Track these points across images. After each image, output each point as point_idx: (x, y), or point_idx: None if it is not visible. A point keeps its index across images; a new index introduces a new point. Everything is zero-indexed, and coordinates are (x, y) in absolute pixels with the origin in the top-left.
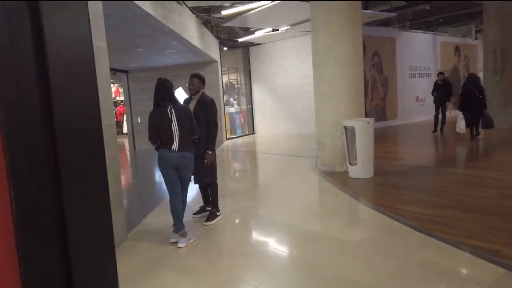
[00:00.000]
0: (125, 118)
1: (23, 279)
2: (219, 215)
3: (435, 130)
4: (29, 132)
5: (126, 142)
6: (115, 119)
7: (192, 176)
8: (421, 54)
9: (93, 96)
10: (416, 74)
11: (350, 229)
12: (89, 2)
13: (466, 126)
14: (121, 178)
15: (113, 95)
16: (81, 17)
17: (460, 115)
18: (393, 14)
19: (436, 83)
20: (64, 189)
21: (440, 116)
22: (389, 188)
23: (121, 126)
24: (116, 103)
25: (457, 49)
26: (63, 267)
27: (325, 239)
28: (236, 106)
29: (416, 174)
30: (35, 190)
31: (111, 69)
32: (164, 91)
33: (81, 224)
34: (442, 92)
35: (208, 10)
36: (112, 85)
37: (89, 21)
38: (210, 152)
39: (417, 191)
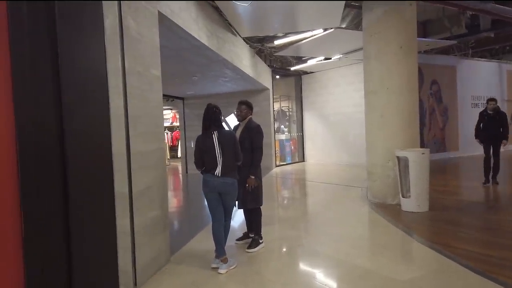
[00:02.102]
0: (180, 142)
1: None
2: (262, 242)
3: (486, 181)
4: (42, 153)
5: (179, 166)
6: (171, 144)
7: (237, 201)
8: (484, 83)
9: (105, 121)
10: (480, 104)
11: (401, 266)
12: (146, 34)
13: None
14: (167, 201)
15: (171, 121)
16: (98, 45)
17: None
18: (453, 42)
19: (483, 114)
20: (71, 212)
21: (492, 161)
22: (445, 224)
23: (176, 151)
24: (173, 128)
25: None
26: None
27: (373, 276)
28: (286, 133)
29: (476, 210)
30: (43, 214)
31: (170, 96)
32: (212, 117)
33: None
34: (493, 126)
35: (262, 40)
36: (170, 111)
37: (104, 50)
38: (252, 177)
39: (476, 229)
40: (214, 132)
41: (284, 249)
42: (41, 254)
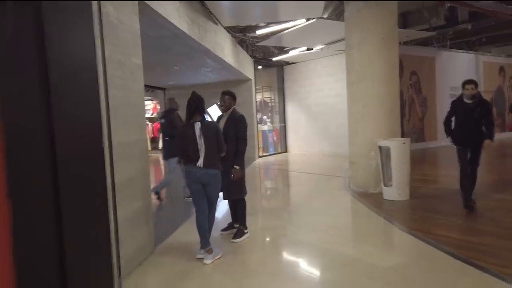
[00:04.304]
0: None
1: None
2: (247, 232)
3: (468, 202)
4: (29, 140)
5: (161, 157)
6: (152, 135)
7: (221, 192)
8: (462, 74)
9: (95, 104)
10: (458, 95)
11: (384, 253)
12: (126, 21)
13: None
14: (150, 192)
15: (152, 112)
16: (86, 29)
17: None
18: (432, 33)
19: (457, 104)
20: (62, 197)
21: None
22: (425, 212)
23: (157, 142)
24: (153, 119)
25: (501, 69)
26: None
27: (356, 263)
28: (269, 124)
29: (455, 198)
30: (34, 207)
31: (150, 86)
32: (194, 107)
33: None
34: (473, 122)
35: (244, 29)
36: (150, 101)
37: (93, 34)
38: (237, 167)
39: (457, 216)
40: (197, 122)
41: (269, 239)
42: (32, 251)
